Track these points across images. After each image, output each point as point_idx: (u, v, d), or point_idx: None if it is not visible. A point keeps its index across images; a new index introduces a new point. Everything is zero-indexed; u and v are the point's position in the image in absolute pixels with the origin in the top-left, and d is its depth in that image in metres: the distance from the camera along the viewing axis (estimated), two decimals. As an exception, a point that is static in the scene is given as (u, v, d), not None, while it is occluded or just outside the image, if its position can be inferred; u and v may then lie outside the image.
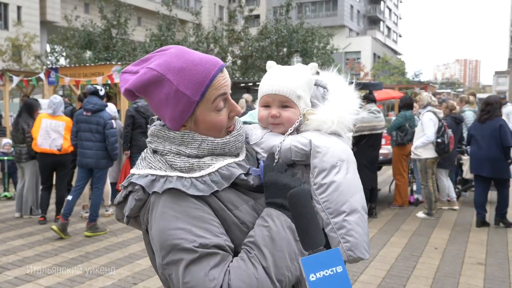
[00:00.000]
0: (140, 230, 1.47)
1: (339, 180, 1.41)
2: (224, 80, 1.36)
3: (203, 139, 1.36)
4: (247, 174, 1.39)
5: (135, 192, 1.33)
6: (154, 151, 1.40)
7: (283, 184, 1.33)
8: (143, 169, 1.36)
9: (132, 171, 1.40)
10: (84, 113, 6.46)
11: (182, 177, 1.30)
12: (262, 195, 1.39)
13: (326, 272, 1.04)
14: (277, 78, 1.53)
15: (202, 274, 1.19)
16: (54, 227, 6.39)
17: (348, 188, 1.42)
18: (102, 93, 6.72)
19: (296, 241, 1.28)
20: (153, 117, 1.50)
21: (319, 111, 1.52)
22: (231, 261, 1.24)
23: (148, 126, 1.47)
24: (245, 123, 1.61)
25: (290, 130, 1.50)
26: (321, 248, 1.08)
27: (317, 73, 1.63)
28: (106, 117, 6.51)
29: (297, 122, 1.51)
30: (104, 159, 6.52)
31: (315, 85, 1.60)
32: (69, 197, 6.51)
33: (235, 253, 1.28)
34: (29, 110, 7.58)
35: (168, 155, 1.35)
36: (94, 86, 6.80)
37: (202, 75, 1.31)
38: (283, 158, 1.44)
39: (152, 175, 1.32)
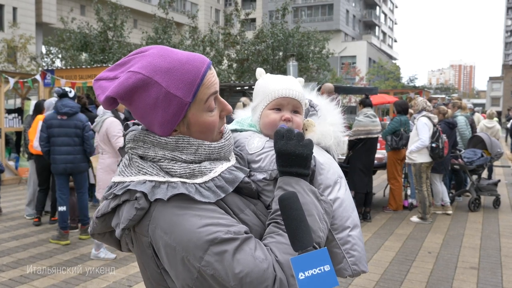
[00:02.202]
0: (112, 246, 1.41)
1: (342, 196, 1.43)
2: (214, 78, 1.29)
3: (200, 144, 1.28)
4: (248, 176, 1.37)
5: (134, 201, 1.21)
6: (142, 157, 1.29)
7: (296, 154, 1.30)
8: (135, 176, 1.25)
9: (118, 179, 1.29)
10: (59, 117, 6.19)
11: (185, 182, 1.23)
12: (259, 201, 1.38)
13: (315, 271, 1.08)
14: (290, 82, 1.52)
15: (251, 258, 1.15)
16: (52, 240, 6.42)
17: (349, 203, 1.46)
18: (71, 94, 6.39)
19: (320, 201, 1.30)
20: (128, 122, 1.41)
21: (318, 124, 1.53)
22: (264, 239, 1.24)
23: (123, 131, 1.38)
24: (233, 131, 1.55)
25: None
26: (310, 248, 1.11)
27: None
28: (84, 119, 6.34)
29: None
30: (83, 162, 6.39)
31: None
32: (62, 208, 6.32)
33: None
34: (38, 111, 7.48)
35: (162, 162, 1.26)
36: (63, 88, 6.48)
37: (192, 74, 1.22)
38: None
39: (151, 181, 1.23)
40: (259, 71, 1.59)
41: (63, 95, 6.32)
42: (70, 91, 6.42)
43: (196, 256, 1.16)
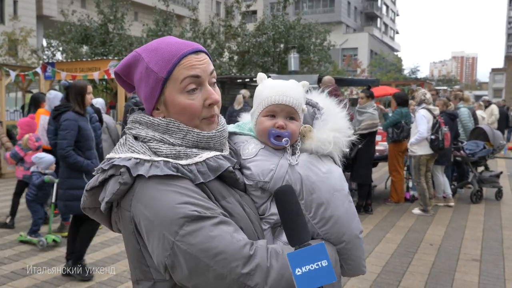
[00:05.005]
0: (103, 224, 1.43)
1: (338, 213, 1.40)
2: (198, 62, 1.31)
3: (189, 130, 1.32)
4: (234, 167, 1.37)
5: (119, 176, 1.26)
6: (135, 138, 1.35)
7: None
8: (124, 153, 1.30)
9: (110, 155, 1.34)
10: None
11: (168, 161, 1.26)
12: (245, 194, 1.39)
13: (312, 266, 1.06)
14: (285, 88, 1.48)
15: (228, 237, 1.16)
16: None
17: (347, 218, 1.42)
18: None
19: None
20: (134, 107, 1.47)
21: (316, 130, 1.49)
22: None
23: (127, 114, 1.44)
24: (232, 134, 1.54)
25: (288, 159, 1.43)
26: (307, 243, 1.09)
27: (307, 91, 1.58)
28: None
29: (298, 141, 1.46)
30: None
31: (305, 103, 1.56)
32: None
33: None
34: (35, 104, 7.46)
35: (151, 142, 1.31)
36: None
37: (171, 53, 1.30)
38: (272, 185, 1.37)
39: (136, 158, 1.27)
40: (260, 76, 1.56)
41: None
42: None
43: (171, 231, 1.17)
